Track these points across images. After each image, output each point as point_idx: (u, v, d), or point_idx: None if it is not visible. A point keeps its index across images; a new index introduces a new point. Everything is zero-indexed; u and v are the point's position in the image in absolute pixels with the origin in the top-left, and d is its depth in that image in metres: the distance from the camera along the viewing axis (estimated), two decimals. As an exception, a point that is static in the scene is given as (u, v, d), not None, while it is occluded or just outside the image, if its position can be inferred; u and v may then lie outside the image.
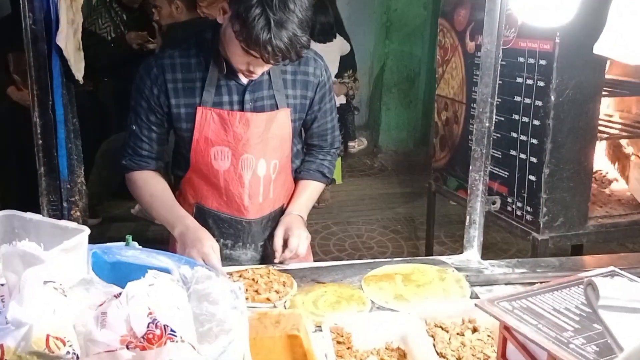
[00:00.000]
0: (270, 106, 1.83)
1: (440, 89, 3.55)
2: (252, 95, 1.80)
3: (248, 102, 1.80)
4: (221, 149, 1.80)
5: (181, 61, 1.77)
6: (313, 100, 1.91)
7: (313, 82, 1.89)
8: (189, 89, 1.77)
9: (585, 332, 1.00)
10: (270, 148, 1.85)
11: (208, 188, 1.88)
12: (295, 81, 1.86)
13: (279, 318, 1.43)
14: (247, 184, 1.85)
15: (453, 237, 4.60)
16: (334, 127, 2.04)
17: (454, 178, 3.46)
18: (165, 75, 1.76)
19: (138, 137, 1.85)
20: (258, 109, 1.81)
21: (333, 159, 2.09)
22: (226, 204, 1.89)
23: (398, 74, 6.75)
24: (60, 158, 1.69)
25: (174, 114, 1.79)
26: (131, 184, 1.90)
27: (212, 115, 1.77)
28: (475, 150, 1.97)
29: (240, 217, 1.90)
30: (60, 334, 0.82)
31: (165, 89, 1.77)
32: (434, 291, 1.70)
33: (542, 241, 2.67)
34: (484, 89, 1.93)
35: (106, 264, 1.29)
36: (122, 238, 5.01)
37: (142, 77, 1.78)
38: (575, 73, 2.53)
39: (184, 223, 1.78)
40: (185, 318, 0.94)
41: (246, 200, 1.87)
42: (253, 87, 1.80)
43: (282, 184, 1.96)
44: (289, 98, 1.86)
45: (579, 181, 2.68)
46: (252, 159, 1.83)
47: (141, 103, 1.80)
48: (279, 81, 1.83)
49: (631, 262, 2.00)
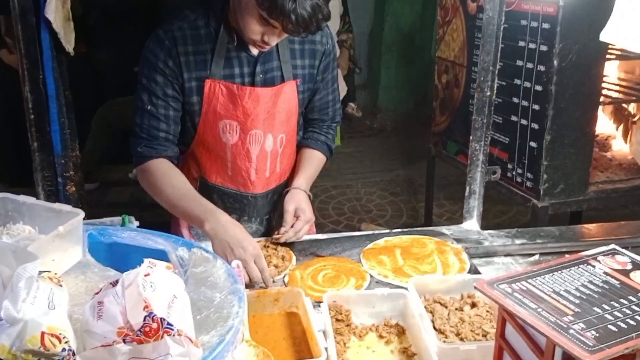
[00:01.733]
0: (278, 78, 1.78)
1: (441, 51, 3.48)
2: (263, 67, 1.75)
3: (259, 75, 1.75)
4: (230, 122, 1.76)
5: (191, 32, 1.70)
6: (318, 70, 1.86)
7: (320, 51, 1.84)
8: (200, 61, 1.70)
9: (585, 317, 1.00)
10: (277, 122, 1.81)
11: (213, 163, 1.84)
12: (304, 50, 1.81)
13: (277, 296, 1.43)
14: (254, 159, 1.82)
15: (453, 199, 4.59)
16: (335, 99, 1.98)
17: (454, 143, 3.43)
18: (178, 47, 1.68)
19: (154, 118, 1.72)
20: (268, 81, 1.76)
21: (334, 134, 2.04)
22: (231, 179, 1.85)
23: (398, 32, 6.63)
24: (53, 133, 1.66)
25: (186, 88, 1.73)
26: (149, 175, 1.75)
27: (220, 88, 1.72)
28: (475, 119, 1.94)
29: (246, 192, 1.86)
30: (56, 331, 0.81)
31: (179, 61, 1.69)
32: (433, 264, 1.70)
33: (542, 208, 2.66)
34: (486, 57, 1.88)
35: (102, 245, 1.27)
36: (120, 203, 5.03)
37: (153, 51, 1.69)
38: (579, 37, 2.47)
39: (217, 219, 1.62)
40: (182, 308, 0.93)
41: (253, 175, 1.84)
42: (264, 58, 1.75)
43: (288, 157, 1.92)
44: (297, 68, 1.81)
45: (580, 147, 2.66)
46: (261, 134, 1.79)
47: (156, 78, 1.69)
48: (287, 52, 1.78)
49: (631, 231, 2.01)
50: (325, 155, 2.00)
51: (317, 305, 1.45)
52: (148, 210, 4.14)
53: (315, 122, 2.00)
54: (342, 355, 1.29)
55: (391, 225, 4.34)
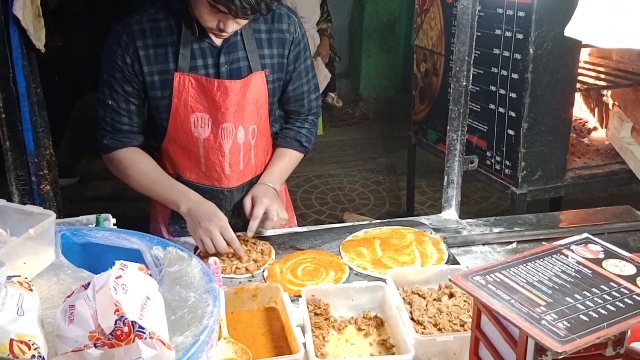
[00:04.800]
0: (246, 68, 1.76)
1: (419, 39, 3.48)
2: (227, 57, 1.73)
3: (223, 65, 1.73)
4: (201, 115, 1.75)
5: (150, 26, 1.69)
6: (288, 59, 1.84)
7: (288, 39, 1.82)
8: (162, 54, 1.70)
9: (557, 307, 1.01)
10: (247, 114, 1.79)
11: (186, 159, 1.83)
12: (271, 40, 1.79)
13: (255, 292, 1.43)
14: (227, 153, 1.80)
15: (434, 186, 4.62)
16: (310, 90, 1.95)
17: (433, 131, 3.44)
18: (136, 42, 1.68)
19: (116, 112, 1.75)
20: (234, 72, 1.75)
21: (312, 128, 2.00)
22: (205, 175, 1.84)
23: (377, 20, 6.61)
24: (25, 132, 1.63)
25: (147, 82, 1.72)
26: (116, 164, 1.80)
27: (190, 80, 1.71)
28: (452, 109, 1.94)
29: (221, 186, 1.85)
30: (25, 337, 0.80)
31: (137, 56, 1.69)
32: (412, 255, 1.71)
33: (521, 195, 2.68)
34: (461, 47, 1.88)
35: (76, 245, 1.26)
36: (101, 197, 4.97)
37: (111, 47, 1.70)
38: (554, 25, 2.48)
39: (189, 199, 1.72)
40: (155, 309, 0.92)
41: (227, 169, 1.83)
42: (227, 48, 1.73)
43: (262, 148, 1.91)
44: (265, 58, 1.79)
45: (558, 134, 2.68)
46: (232, 127, 1.78)
47: (114, 75, 1.71)
48: (252, 41, 1.76)
49: (607, 217, 2.03)
50: (297, 150, 1.97)
51: (296, 300, 1.46)
52: (129, 204, 4.14)
53: (292, 115, 1.98)
54: (321, 349, 1.29)
55: (374, 213, 4.35)
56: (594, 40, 1.19)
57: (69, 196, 4.18)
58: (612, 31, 1.11)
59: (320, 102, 2.05)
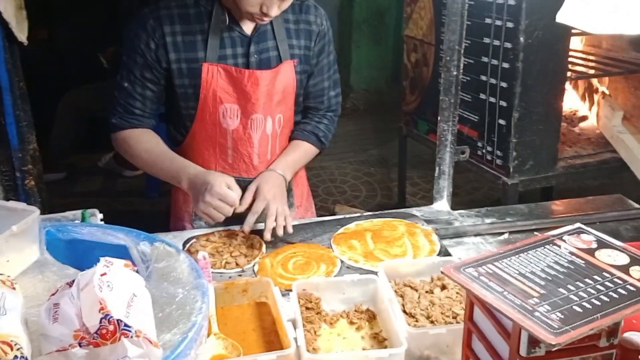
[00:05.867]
0: (275, 58, 1.74)
1: (409, 29, 3.46)
2: (257, 46, 1.70)
3: (253, 55, 1.70)
4: (230, 106, 1.72)
5: (179, 12, 1.65)
6: (313, 52, 1.81)
7: (314, 32, 1.80)
8: (190, 42, 1.66)
9: (550, 298, 1.00)
10: (274, 103, 1.77)
11: (213, 150, 1.79)
12: (299, 30, 1.77)
13: (246, 287, 1.41)
14: (256, 144, 1.79)
15: (426, 177, 4.61)
16: (330, 87, 1.92)
17: (424, 122, 3.43)
18: (164, 28, 1.64)
19: (130, 95, 1.73)
20: (264, 61, 1.72)
21: (330, 124, 1.95)
22: (231, 166, 1.80)
23: (367, 10, 6.57)
24: (8, 126, 1.60)
25: (174, 70, 1.68)
26: (122, 142, 1.78)
27: (219, 71, 1.67)
28: (443, 100, 1.93)
29: (248, 177, 1.81)
30: (7, 337, 0.78)
31: (164, 42, 1.65)
32: (403, 247, 1.69)
33: (512, 185, 2.68)
34: (451, 36, 1.86)
35: (61, 242, 1.23)
36: (90, 192, 4.94)
37: (136, 31, 1.66)
38: (545, 13, 2.47)
39: (189, 173, 1.69)
40: (142, 307, 0.90)
41: (255, 159, 1.81)
42: (258, 37, 1.70)
43: (286, 137, 1.89)
44: (294, 48, 1.76)
45: (549, 124, 2.67)
46: (262, 118, 1.76)
47: (135, 59, 1.68)
48: (282, 30, 1.74)
49: (599, 206, 2.03)
50: (313, 145, 1.92)
51: (287, 294, 1.44)
52: (119, 199, 4.10)
53: (310, 111, 1.93)
54: (312, 343, 1.28)
55: (366, 205, 4.34)
56: (586, 26, 1.17)
57: (58, 191, 4.14)
58: (603, 17, 1.10)
59: (340, 100, 1.99)
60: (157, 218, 2.13)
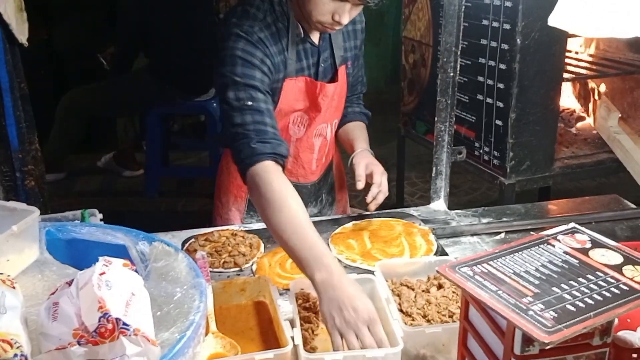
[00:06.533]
0: (331, 65, 1.75)
1: (407, 30, 3.47)
2: (324, 55, 1.72)
3: (321, 64, 1.71)
4: (300, 114, 1.74)
5: (264, 34, 1.57)
6: (359, 49, 1.86)
7: (359, 30, 1.83)
8: (276, 63, 1.60)
9: (544, 297, 1.01)
10: (333, 109, 1.81)
11: None
12: (349, 32, 1.79)
13: (244, 286, 1.42)
14: (316, 151, 1.83)
15: (424, 177, 4.62)
16: (362, 73, 1.97)
17: (422, 122, 3.44)
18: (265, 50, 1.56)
19: (258, 112, 1.50)
20: (327, 69, 1.74)
21: (361, 101, 2.03)
22: (289, 172, 1.79)
23: (365, 10, 6.53)
24: (8, 127, 1.61)
25: None
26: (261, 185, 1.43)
27: (296, 83, 1.67)
28: (440, 101, 1.94)
29: (305, 182, 1.88)
30: (7, 336, 0.79)
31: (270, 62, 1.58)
32: (400, 247, 1.71)
33: (509, 185, 2.69)
34: (448, 38, 1.87)
35: (61, 242, 1.24)
36: (89, 192, 4.95)
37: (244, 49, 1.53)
38: (542, 14, 2.47)
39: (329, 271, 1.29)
40: (141, 306, 0.92)
41: (314, 165, 1.86)
42: (324, 46, 1.72)
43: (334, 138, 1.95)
44: (347, 51, 1.79)
45: (545, 124, 2.68)
46: (325, 127, 1.80)
47: (254, 75, 1.53)
48: (339, 35, 1.75)
49: (595, 206, 2.04)
50: (365, 124, 1.99)
51: (284, 293, 1.45)
52: (118, 199, 4.11)
53: (347, 98, 1.92)
54: (310, 343, 1.29)
55: (364, 205, 4.34)
56: (577, 30, 1.19)
57: (58, 191, 4.15)
58: (595, 21, 1.11)
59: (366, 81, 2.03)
60: (156, 218, 2.14)
